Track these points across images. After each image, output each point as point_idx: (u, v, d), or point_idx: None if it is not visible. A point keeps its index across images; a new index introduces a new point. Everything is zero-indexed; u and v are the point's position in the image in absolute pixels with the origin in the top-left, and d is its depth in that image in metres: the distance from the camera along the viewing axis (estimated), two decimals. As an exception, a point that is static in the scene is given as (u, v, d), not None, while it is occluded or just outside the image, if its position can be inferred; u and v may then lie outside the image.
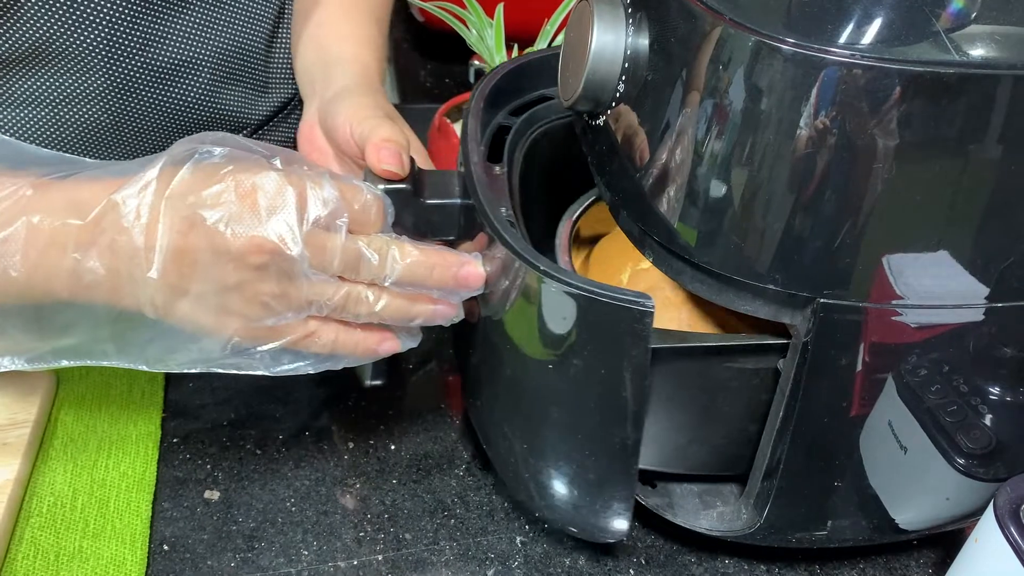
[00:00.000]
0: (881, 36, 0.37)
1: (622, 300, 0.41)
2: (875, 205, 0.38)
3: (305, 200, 0.43)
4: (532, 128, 0.58)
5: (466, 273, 0.47)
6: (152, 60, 0.63)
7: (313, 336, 0.46)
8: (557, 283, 0.42)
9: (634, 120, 0.44)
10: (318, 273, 0.44)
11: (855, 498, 0.49)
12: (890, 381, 0.44)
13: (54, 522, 0.54)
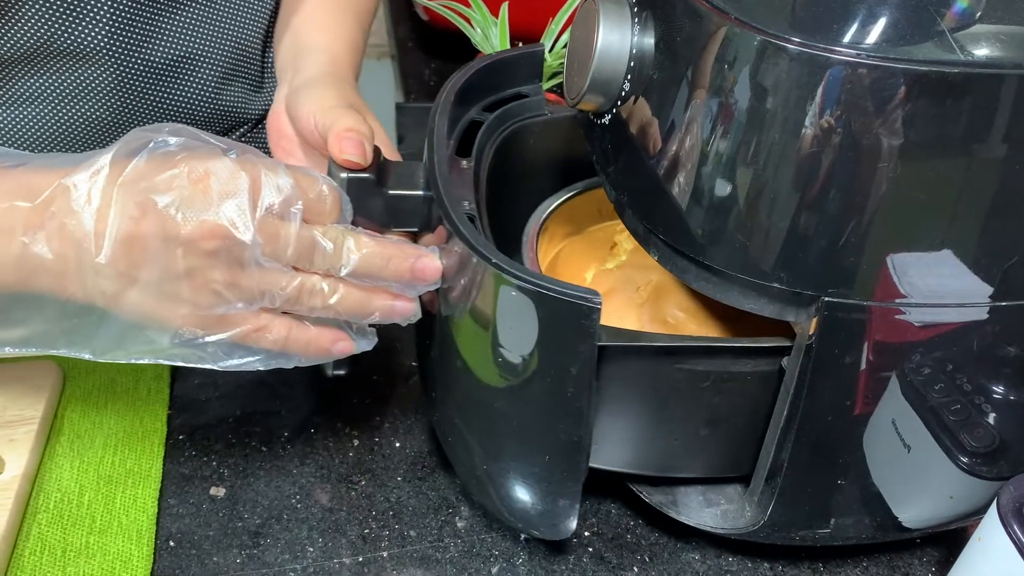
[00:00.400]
0: (886, 35, 0.37)
1: (570, 296, 0.41)
2: (880, 204, 0.38)
3: (259, 186, 0.42)
4: (505, 124, 0.58)
5: (422, 265, 0.46)
6: (153, 56, 0.63)
7: (264, 330, 0.45)
8: (507, 276, 0.42)
9: (639, 119, 0.44)
10: (271, 261, 0.43)
11: (859, 496, 0.49)
12: (894, 380, 0.44)
13: (61, 518, 0.54)
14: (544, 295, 0.41)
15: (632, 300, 0.56)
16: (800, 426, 0.45)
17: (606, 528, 0.55)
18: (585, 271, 0.60)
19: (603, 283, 0.58)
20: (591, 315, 0.41)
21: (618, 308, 0.56)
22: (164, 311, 0.44)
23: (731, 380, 0.46)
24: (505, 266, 0.42)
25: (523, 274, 0.42)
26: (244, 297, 0.44)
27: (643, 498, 0.53)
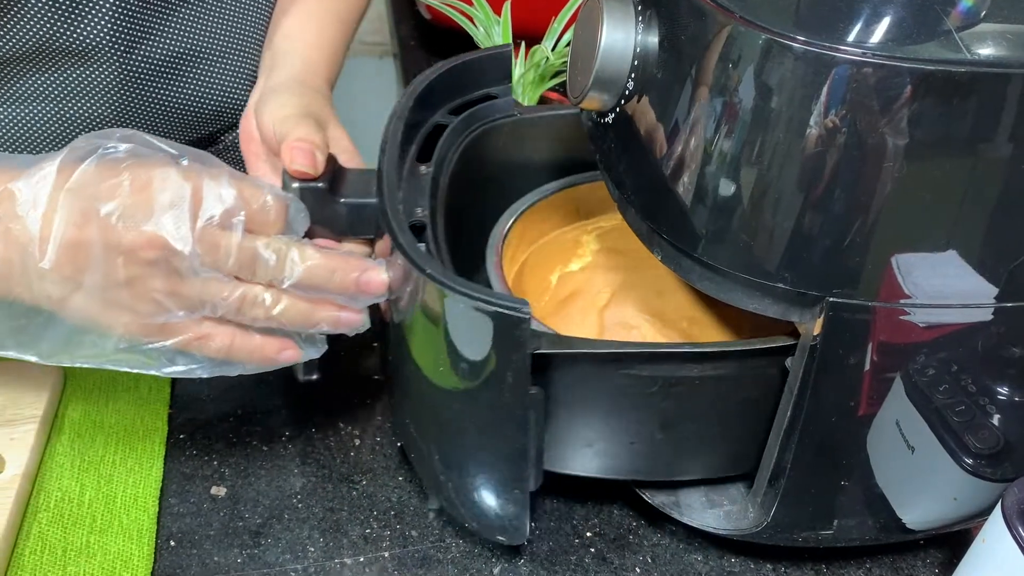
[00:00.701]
0: (892, 34, 0.37)
1: (499, 306, 0.41)
2: (885, 204, 0.38)
3: (201, 196, 0.42)
4: (472, 127, 0.58)
5: (368, 279, 0.46)
6: (155, 53, 0.63)
7: (207, 339, 0.45)
8: (439, 287, 0.42)
9: (643, 118, 0.44)
10: (211, 272, 0.43)
11: (862, 497, 0.49)
12: (898, 380, 0.44)
13: (61, 517, 0.54)
14: (474, 306, 0.42)
15: (594, 303, 0.56)
16: (804, 427, 0.45)
17: (608, 529, 0.55)
18: (551, 274, 0.59)
19: (567, 286, 0.58)
20: (520, 325, 0.41)
21: (581, 311, 0.56)
22: (107, 317, 0.44)
23: (679, 385, 0.46)
24: (437, 276, 0.43)
25: (454, 284, 0.42)
26: (184, 306, 0.44)
27: (645, 499, 0.53)
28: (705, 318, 0.55)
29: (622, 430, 0.48)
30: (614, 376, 0.46)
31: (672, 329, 0.54)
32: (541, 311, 0.57)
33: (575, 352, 0.45)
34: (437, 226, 0.50)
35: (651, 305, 0.55)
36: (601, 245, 0.61)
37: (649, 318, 0.54)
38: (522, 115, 0.60)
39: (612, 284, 0.57)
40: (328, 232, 0.50)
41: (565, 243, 0.62)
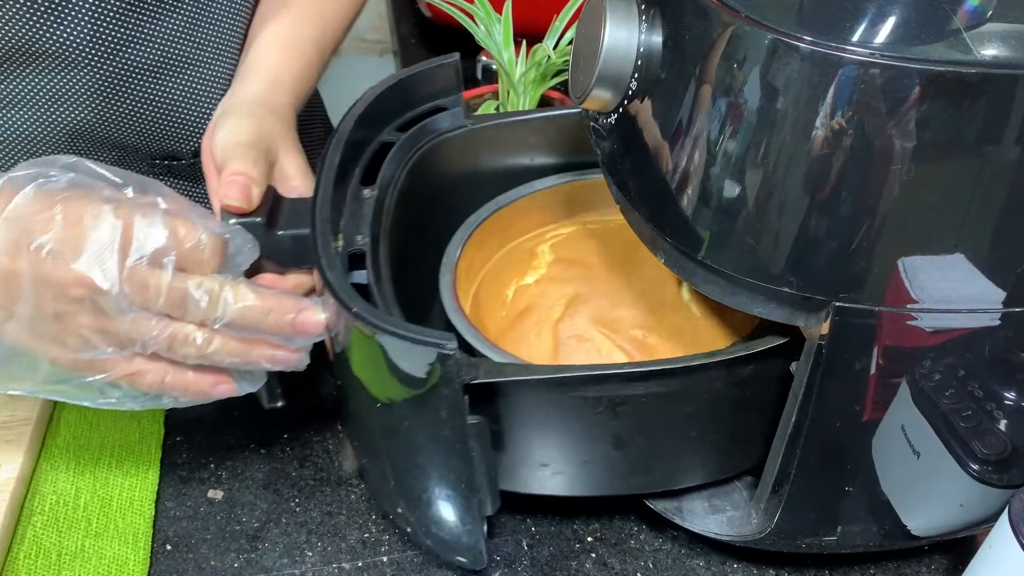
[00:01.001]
0: (900, 34, 0.36)
1: (424, 343, 0.41)
2: (893, 207, 0.37)
3: (131, 235, 0.42)
4: (420, 143, 0.57)
5: (303, 320, 0.46)
6: (137, 59, 0.61)
7: (138, 375, 0.45)
8: (363, 324, 0.42)
9: (646, 119, 0.43)
10: (139, 311, 0.43)
11: (866, 503, 0.48)
12: (904, 385, 0.43)
13: (56, 521, 0.54)
14: (399, 342, 0.41)
15: (548, 317, 0.55)
16: (808, 433, 0.44)
17: (609, 534, 0.55)
18: (507, 287, 0.58)
19: (522, 300, 0.57)
20: (446, 361, 0.41)
21: (535, 326, 0.55)
22: (38, 348, 0.44)
23: (626, 403, 0.45)
24: (363, 315, 0.42)
25: (378, 322, 0.41)
26: (112, 343, 0.44)
27: (647, 504, 0.52)
28: (660, 327, 0.54)
29: (575, 450, 0.48)
30: (559, 399, 0.45)
31: (627, 340, 0.53)
32: (497, 327, 0.56)
33: (511, 380, 0.44)
34: (380, 253, 0.49)
35: (605, 316, 0.55)
36: (556, 255, 0.60)
37: (603, 330, 0.54)
38: (474, 125, 0.58)
39: (566, 296, 0.56)
40: (273, 264, 0.50)
41: (522, 254, 0.61)
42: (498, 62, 0.73)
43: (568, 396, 0.45)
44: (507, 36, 0.73)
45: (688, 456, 0.50)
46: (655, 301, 0.55)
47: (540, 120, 0.60)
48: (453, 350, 0.41)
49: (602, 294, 0.56)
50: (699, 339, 0.54)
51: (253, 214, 0.48)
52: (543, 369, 0.45)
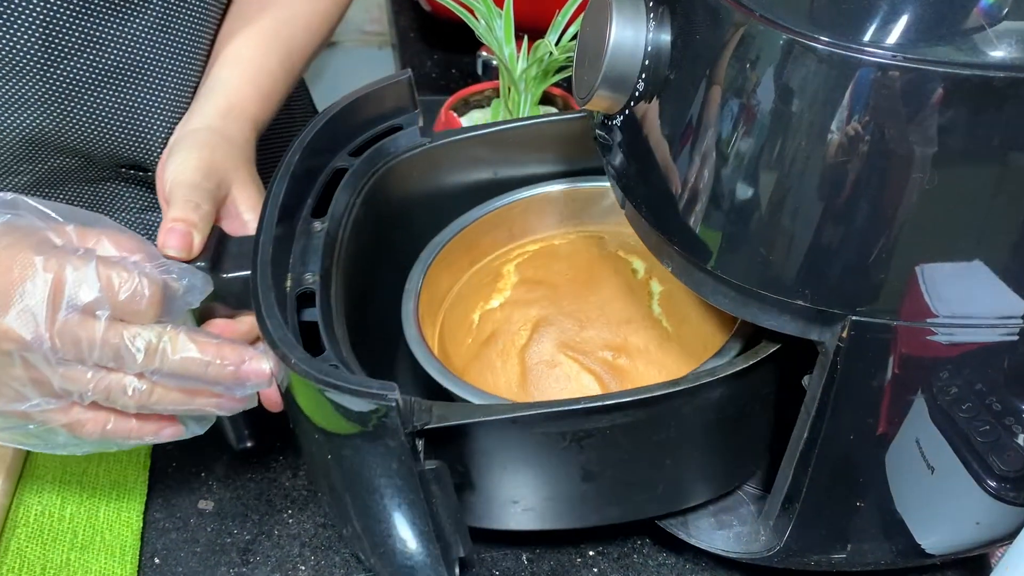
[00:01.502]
0: (922, 35, 0.34)
1: (365, 393, 0.39)
2: (913, 217, 0.35)
3: (61, 287, 0.41)
4: (376, 166, 0.54)
5: (248, 370, 0.44)
6: (97, 63, 0.58)
7: (76, 424, 0.44)
8: (305, 378, 0.40)
9: (653, 121, 0.42)
10: (72, 364, 0.42)
11: (879, 520, 0.47)
12: (920, 400, 0.42)
13: (41, 533, 0.52)
14: (341, 395, 0.39)
15: (514, 343, 0.53)
16: (821, 449, 0.42)
17: (612, 548, 0.53)
18: (473, 312, 0.56)
19: (487, 325, 0.55)
20: (389, 414, 0.39)
21: (501, 353, 0.53)
22: None
23: (591, 436, 0.44)
24: (301, 367, 0.40)
25: (317, 374, 0.40)
26: (46, 394, 0.42)
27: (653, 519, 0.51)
28: (630, 346, 0.52)
29: (543, 485, 0.46)
30: (520, 436, 0.43)
31: (596, 362, 0.51)
32: (463, 356, 0.54)
33: (466, 423, 0.42)
34: (331, 289, 0.47)
35: (572, 339, 0.53)
36: (521, 276, 0.58)
37: (571, 353, 0.52)
38: (434, 143, 0.56)
39: (531, 320, 0.54)
40: (221, 306, 0.48)
41: (487, 275, 0.59)
42: (499, 58, 0.71)
43: (529, 433, 0.43)
44: (508, 31, 0.71)
45: (664, 483, 0.48)
46: (623, 318, 0.53)
47: (500, 133, 0.58)
48: (394, 400, 0.39)
49: (568, 315, 0.54)
50: (671, 356, 0.52)
51: (197, 258, 0.47)
52: (497, 409, 0.43)
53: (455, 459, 0.44)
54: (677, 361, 0.52)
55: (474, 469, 0.45)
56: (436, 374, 0.48)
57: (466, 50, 0.99)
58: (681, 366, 0.51)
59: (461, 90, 0.78)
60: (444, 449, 0.43)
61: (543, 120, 0.58)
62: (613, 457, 0.45)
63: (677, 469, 0.47)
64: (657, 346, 0.52)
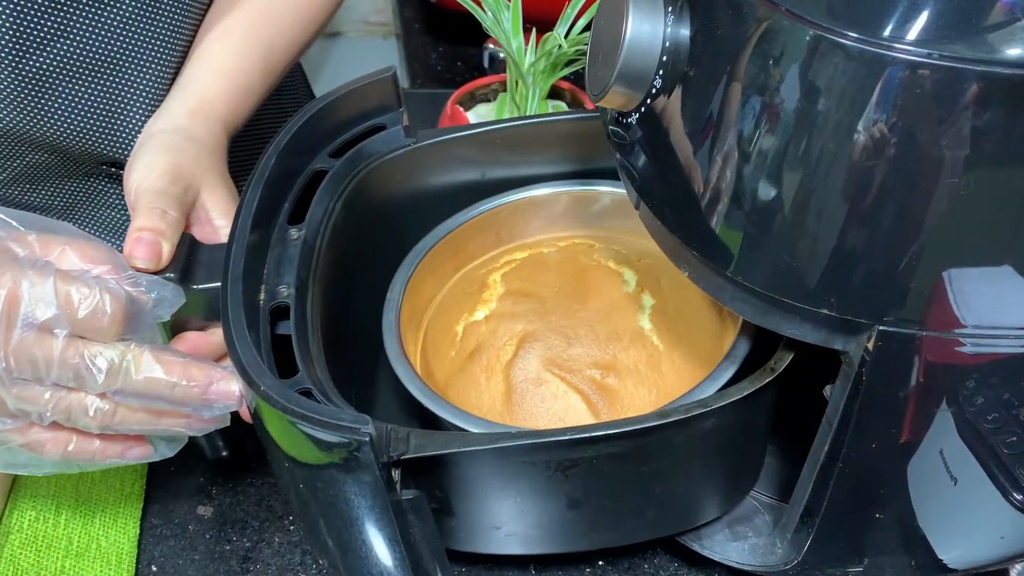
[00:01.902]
0: (956, 30, 0.33)
1: (336, 427, 0.37)
2: (945, 224, 0.34)
3: (16, 304, 0.39)
4: (357, 168, 0.52)
5: (217, 392, 0.42)
6: (71, 54, 0.56)
7: (35, 444, 0.42)
8: (272, 406, 0.38)
9: (671, 120, 0.40)
10: (28, 384, 0.40)
11: (899, 533, 0.45)
12: (946, 411, 0.40)
13: (35, 539, 0.51)
14: (312, 427, 0.37)
15: (499, 359, 0.51)
16: (843, 461, 0.41)
17: (622, 558, 0.52)
18: (457, 323, 0.54)
19: (472, 339, 0.53)
20: (362, 447, 0.37)
21: (485, 369, 0.51)
22: None
23: (577, 466, 0.42)
24: (270, 394, 0.38)
25: (287, 405, 0.38)
26: (3, 414, 0.41)
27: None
28: (619, 364, 0.50)
29: (526, 512, 0.44)
30: (502, 464, 0.42)
31: (584, 381, 0.50)
32: (447, 370, 0.52)
33: (445, 453, 0.40)
34: (307, 301, 0.45)
35: (559, 356, 0.51)
36: (507, 287, 0.56)
37: (557, 371, 0.50)
38: (419, 143, 0.54)
39: (517, 335, 0.52)
40: (194, 318, 0.47)
41: (473, 283, 0.57)
42: (506, 51, 0.69)
43: (511, 461, 0.42)
44: (516, 24, 0.69)
45: (654, 509, 0.46)
46: (612, 335, 0.51)
47: (489, 133, 0.56)
48: (367, 435, 0.37)
49: (555, 330, 0.52)
50: (663, 376, 0.50)
51: (167, 268, 0.45)
52: (478, 438, 0.41)
53: (434, 485, 0.42)
54: (668, 381, 0.50)
55: (454, 495, 0.43)
56: (418, 394, 0.46)
57: (472, 42, 0.97)
58: (672, 387, 0.50)
59: (467, 83, 0.76)
60: (422, 476, 0.41)
61: (534, 121, 0.56)
62: (600, 486, 0.43)
63: (668, 496, 0.45)
64: (647, 365, 0.50)
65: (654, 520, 0.47)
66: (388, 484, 0.39)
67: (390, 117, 0.54)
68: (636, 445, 0.42)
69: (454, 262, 0.57)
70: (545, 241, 0.59)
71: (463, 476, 0.42)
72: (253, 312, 0.44)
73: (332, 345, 0.46)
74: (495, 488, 0.43)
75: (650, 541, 0.52)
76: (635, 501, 0.45)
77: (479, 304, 0.55)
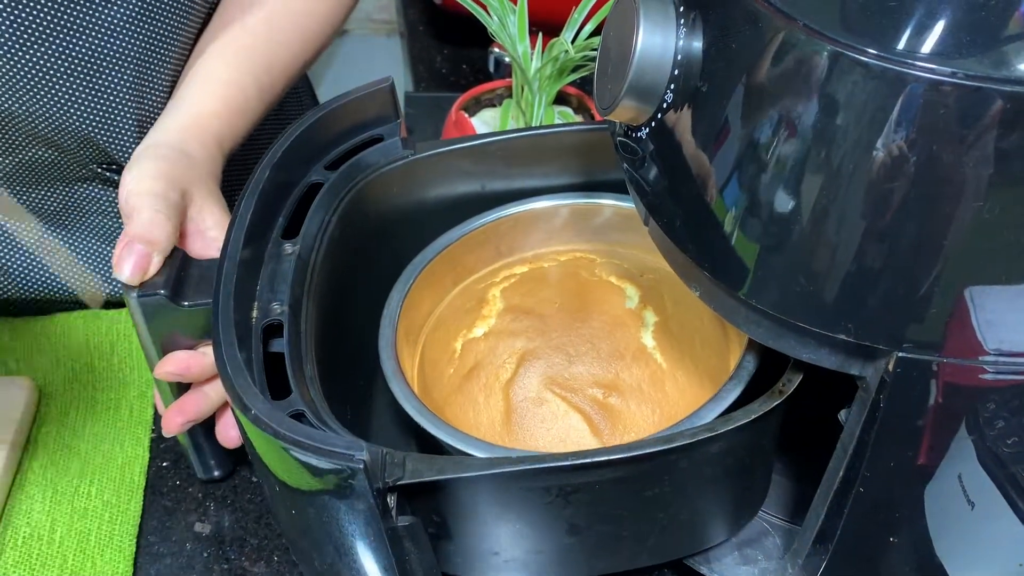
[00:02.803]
0: (983, 48, 0.31)
1: (329, 453, 0.36)
2: (969, 248, 0.32)
3: None
4: (354, 180, 0.51)
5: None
6: (69, 50, 0.55)
7: None
8: (264, 431, 0.37)
9: (683, 135, 0.39)
10: None
11: (914, 559, 0.44)
12: (965, 435, 0.39)
13: (29, 557, 0.50)
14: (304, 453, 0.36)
15: (498, 378, 0.50)
16: (859, 486, 0.40)
17: (629, 579, 0.50)
18: (456, 340, 0.53)
19: (470, 356, 0.52)
20: (356, 475, 0.36)
21: (484, 388, 0.50)
22: None
23: (579, 491, 0.41)
24: (264, 419, 0.37)
25: (279, 430, 0.37)
26: None
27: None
28: (621, 383, 0.49)
29: (525, 538, 0.43)
30: (501, 489, 0.41)
31: (586, 400, 0.48)
32: (445, 388, 0.51)
33: (442, 480, 0.39)
34: (301, 318, 0.44)
35: (560, 374, 0.50)
36: (507, 303, 0.54)
37: (559, 390, 0.49)
38: (417, 154, 0.52)
39: (517, 352, 0.51)
40: (183, 337, 0.46)
41: (472, 298, 0.56)
42: (512, 56, 0.68)
43: (510, 487, 0.40)
44: (522, 29, 0.68)
45: (656, 535, 0.45)
46: (614, 352, 0.50)
47: (488, 145, 0.54)
48: (361, 463, 0.36)
49: (556, 348, 0.51)
50: (666, 395, 0.49)
51: (157, 284, 0.44)
52: (475, 464, 0.40)
53: (431, 509, 0.41)
54: (672, 400, 0.49)
55: (451, 519, 0.42)
56: (415, 414, 0.45)
57: (478, 44, 0.95)
58: (676, 406, 0.48)
59: (472, 88, 0.75)
60: (419, 499, 0.40)
61: (535, 133, 0.55)
62: (602, 511, 0.42)
63: (672, 521, 0.44)
64: (650, 383, 0.49)
65: (657, 545, 0.45)
66: (383, 511, 0.38)
67: (387, 128, 0.53)
68: (640, 470, 0.41)
69: (452, 276, 0.55)
70: (546, 255, 0.57)
71: (461, 500, 0.41)
72: (245, 330, 0.42)
73: (327, 362, 0.45)
74: (494, 513, 0.42)
75: (657, 564, 0.51)
76: (638, 526, 0.44)
77: (478, 320, 0.53)
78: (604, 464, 0.40)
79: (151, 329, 0.45)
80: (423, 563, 0.41)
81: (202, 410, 0.48)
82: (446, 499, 0.41)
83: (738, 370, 0.45)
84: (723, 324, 0.51)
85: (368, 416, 0.53)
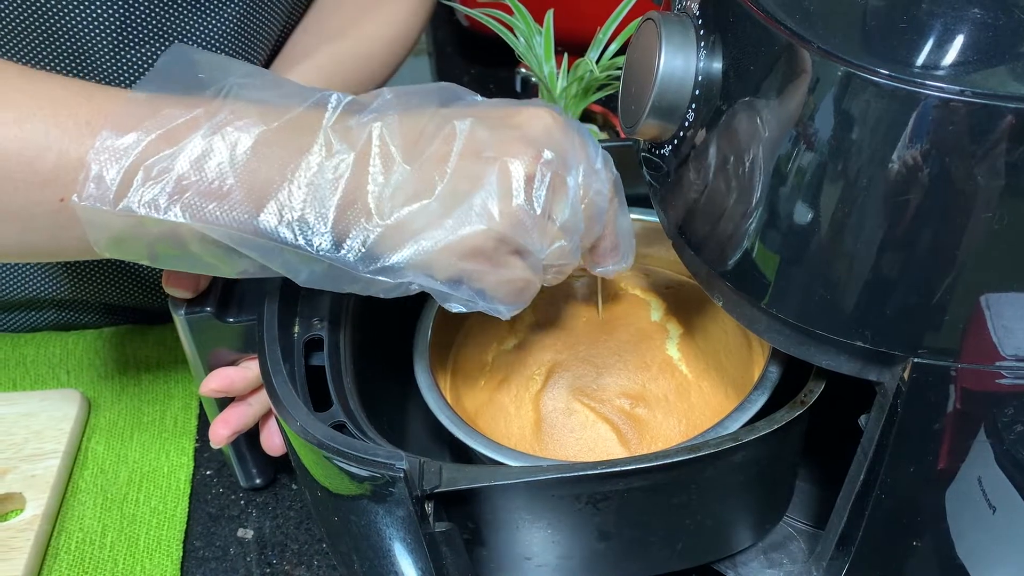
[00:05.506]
0: (995, 68, 0.33)
1: (370, 463, 0.38)
2: (983, 257, 0.34)
3: None
4: None
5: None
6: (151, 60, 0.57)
7: None
8: (308, 442, 0.39)
9: (704, 152, 0.40)
10: None
11: (935, 561, 0.45)
12: (984, 438, 0.40)
13: (82, 561, 0.52)
14: (347, 462, 0.38)
15: (527, 389, 0.52)
16: (879, 490, 0.41)
17: (657, 583, 0.52)
18: (487, 352, 0.54)
19: (501, 368, 0.53)
20: (396, 483, 0.38)
21: (514, 399, 0.51)
22: None
23: (608, 499, 0.42)
24: (309, 431, 0.39)
25: (323, 439, 0.39)
26: None
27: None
28: (648, 394, 0.50)
29: (556, 543, 0.44)
30: (533, 497, 0.42)
31: (613, 411, 0.50)
32: (477, 399, 0.53)
33: (477, 488, 0.41)
34: (341, 332, 0.46)
35: (588, 386, 0.51)
36: (535, 317, 0.56)
37: (587, 401, 0.50)
38: None
39: (546, 364, 0.52)
40: (228, 352, 0.48)
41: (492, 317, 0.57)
42: (538, 76, 0.70)
43: (542, 495, 0.42)
44: (548, 49, 0.70)
45: (685, 540, 0.46)
46: (641, 364, 0.52)
47: None
48: (401, 471, 0.38)
49: (584, 360, 0.52)
50: (693, 406, 0.50)
51: (203, 303, 0.46)
52: (509, 472, 0.41)
53: (465, 516, 0.43)
54: (697, 410, 0.50)
55: (485, 527, 0.44)
56: (449, 424, 0.47)
57: (504, 64, 0.97)
58: (702, 416, 0.50)
59: (500, 108, 0.77)
60: (454, 507, 0.42)
61: None
62: (631, 518, 0.44)
63: (698, 527, 0.45)
64: (676, 394, 0.51)
65: (684, 550, 0.47)
66: (421, 517, 0.40)
67: None
68: (667, 478, 0.42)
69: None
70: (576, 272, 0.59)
71: (494, 508, 0.43)
72: (288, 344, 0.45)
73: (364, 373, 0.47)
74: (526, 520, 0.43)
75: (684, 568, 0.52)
76: (666, 532, 0.45)
77: (509, 333, 0.55)
78: (632, 473, 0.41)
79: (197, 344, 0.48)
80: (459, 567, 0.43)
81: (246, 421, 0.50)
82: (480, 506, 0.43)
83: (762, 380, 0.46)
84: (746, 335, 0.52)
85: (403, 425, 0.55)
